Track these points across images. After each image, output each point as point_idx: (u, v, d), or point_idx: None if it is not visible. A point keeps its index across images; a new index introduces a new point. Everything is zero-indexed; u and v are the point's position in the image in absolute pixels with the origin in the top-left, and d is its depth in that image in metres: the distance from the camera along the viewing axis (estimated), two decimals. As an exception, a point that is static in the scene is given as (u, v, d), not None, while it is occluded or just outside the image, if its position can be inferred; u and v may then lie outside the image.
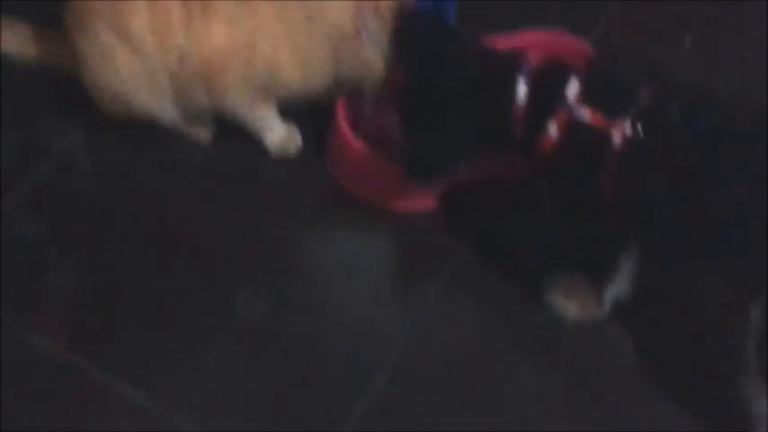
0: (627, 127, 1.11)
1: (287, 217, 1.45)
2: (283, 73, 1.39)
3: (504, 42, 1.41)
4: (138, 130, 1.46)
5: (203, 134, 1.50)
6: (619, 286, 1.28)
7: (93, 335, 1.33)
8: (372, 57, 1.37)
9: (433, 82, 1.23)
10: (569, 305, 1.32)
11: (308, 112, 1.46)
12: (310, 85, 1.41)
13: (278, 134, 1.49)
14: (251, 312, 1.34)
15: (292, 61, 1.38)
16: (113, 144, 1.49)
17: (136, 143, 1.49)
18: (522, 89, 1.16)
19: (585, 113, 1.13)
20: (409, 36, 1.29)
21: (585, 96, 1.14)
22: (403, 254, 1.45)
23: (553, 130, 1.15)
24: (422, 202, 1.45)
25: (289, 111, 1.47)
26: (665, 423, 1.28)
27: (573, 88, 1.14)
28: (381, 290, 1.42)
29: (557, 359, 1.34)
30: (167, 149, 1.49)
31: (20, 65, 1.49)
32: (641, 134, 1.11)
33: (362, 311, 1.38)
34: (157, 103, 1.41)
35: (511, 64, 1.18)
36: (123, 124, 1.45)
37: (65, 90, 1.46)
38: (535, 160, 1.19)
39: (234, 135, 1.48)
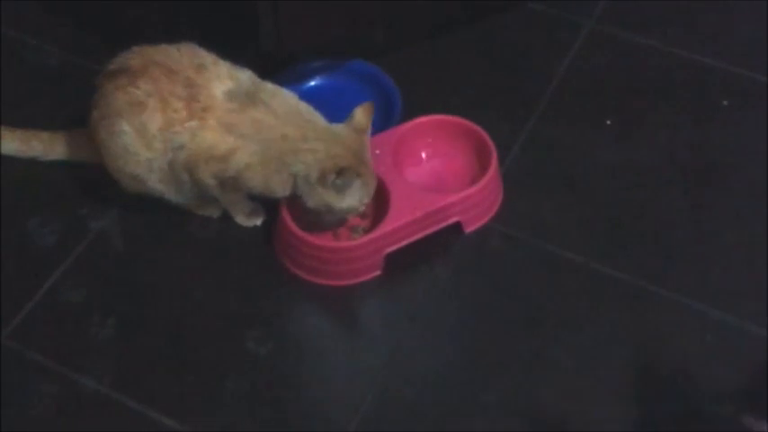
0: None
1: (280, 276, 1.68)
2: (250, 182, 1.61)
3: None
4: (160, 212, 1.72)
5: (212, 211, 1.73)
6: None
7: (131, 376, 1.56)
8: (331, 200, 1.59)
9: None
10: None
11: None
12: (271, 194, 1.62)
13: (244, 209, 1.72)
14: (259, 350, 1.59)
15: (258, 177, 1.59)
16: (140, 224, 1.74)
17: (158, 222, 1.73)
18: None
19: None
20: None
21: None
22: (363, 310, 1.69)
23: None
24: (367, 273, 1.67)
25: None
26: None
27: None
28: (358, 338, 1.67)
29: (514, 379, 1.56)
30: (185, 226, 1.73)
31: (58, 163, 1.79)
32: None
33: (341, 357, 1.62)
34: (163, 186, 1.65)
35: None
36: (148, 207, 1.71)
37: (99, 183, 1.72)
38: None
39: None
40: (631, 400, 1.54)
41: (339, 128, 1.62)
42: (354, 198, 1.61)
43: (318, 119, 1.62)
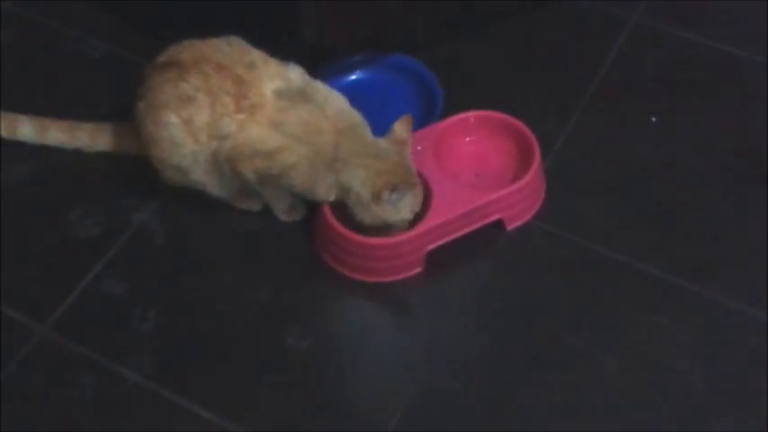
0: None
1: (320, 271, 1.69)
2: (293, 181, 1.62)
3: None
4: (201, 205, 1.72)
5: (252, 204, 1.73)
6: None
7: (171, 368, 1.57)
8: (386, 215, 1.61)
9: None
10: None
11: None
12: (313, 196, 1.64)
13: (284, 204, 1.73)
14: (299, 345, 1.60)
15: (303, 177, 1.60)
16: (181, 217, 1.74)
17: (200, 215, 1.74)
18: None
19: None
20: None
21: None
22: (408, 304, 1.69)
23: None
24: (408, 270, 1.67)
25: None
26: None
27: None
28: (398, 329, 1.67)
29: (556, 378, 1.57)
30: (227, 219, 1.74)
31: (101, 154, 1.80)
32: None
33: (381, 353, 1.62)
34: (206, 179, 1.66)
35: None
36: (190, 200, 1.72)
37: (141, 176, 1.73)
38: None
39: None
40: (675, 403, 1.53)
41: (383, 142, 1.63)
42: (408, 209, 1.63)
43: (367, 130, 1.63)
